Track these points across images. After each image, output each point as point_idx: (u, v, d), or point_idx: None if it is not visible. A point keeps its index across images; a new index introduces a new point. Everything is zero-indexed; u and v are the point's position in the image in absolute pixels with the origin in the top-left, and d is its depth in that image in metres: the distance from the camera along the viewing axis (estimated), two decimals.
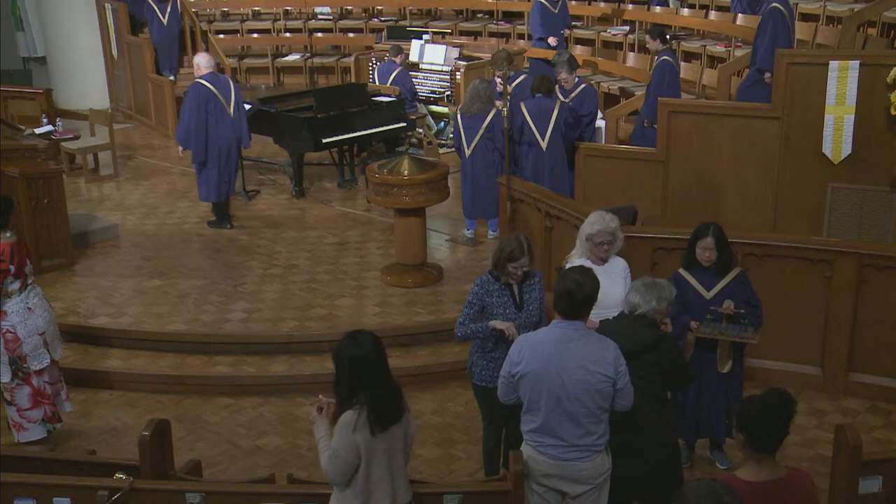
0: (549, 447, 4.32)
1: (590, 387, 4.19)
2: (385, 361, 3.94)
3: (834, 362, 6.66)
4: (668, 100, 8.57)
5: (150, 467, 4.62)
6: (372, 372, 3.84)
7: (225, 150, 9.34)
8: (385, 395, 3.86)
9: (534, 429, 4.35)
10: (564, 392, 4.20)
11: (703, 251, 5.44)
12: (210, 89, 9.21)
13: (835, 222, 7.81)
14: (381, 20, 15.24)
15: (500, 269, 5.13)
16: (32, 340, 5.96)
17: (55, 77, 14.46)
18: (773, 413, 3.43)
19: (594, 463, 4.34)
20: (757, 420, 3.40)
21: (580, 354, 4.20)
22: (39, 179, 8.41)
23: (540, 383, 4.24)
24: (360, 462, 3.86)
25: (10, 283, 5.85)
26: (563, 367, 4.19)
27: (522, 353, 4.31)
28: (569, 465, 4.32)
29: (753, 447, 3.42)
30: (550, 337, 4.28)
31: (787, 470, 3.47)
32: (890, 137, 7.51)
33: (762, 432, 3.40)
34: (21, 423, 6.04)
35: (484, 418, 5.55)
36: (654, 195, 8.38)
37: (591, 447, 4.31)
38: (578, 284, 4.20)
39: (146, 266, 8.71)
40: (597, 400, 4.22)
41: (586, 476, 4.35)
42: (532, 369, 4.25)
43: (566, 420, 4.24)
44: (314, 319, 7.57)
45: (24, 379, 5.99)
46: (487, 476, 5.63)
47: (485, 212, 8.85)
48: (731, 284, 5.47)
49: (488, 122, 8.57)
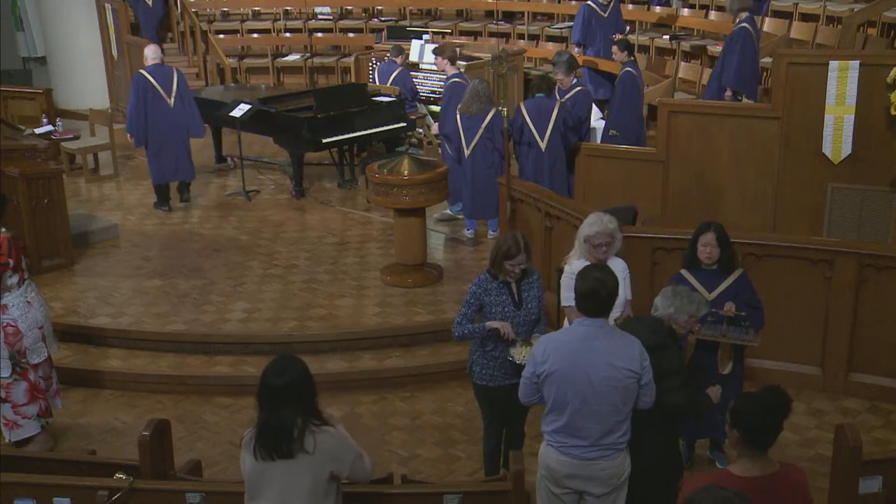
0: (573, 447, 4.31)
1: (617, 383, 4.19)
2: (301, 396, 3.75)
3: (834, 362, 6.66)
4: (668, 100, 8.58)
5: (150, 467, 4.62)
6: (277, 402, 3.72)
7: (164, 137, 9.84)
8: (273, 428, 3.72)
9: (557, 429, 4.33)
10: (592, 390, 4.19)
11: (704, 247, 5.43)
12: (149, 80, 9.75)
13: (835, 222, 7.81)
14: (381, 20, 15.24)
15: (497, 267, 5.14)
16: (33, 334, 5.97)
17: (55, 77, 14.46)
18: (769, 411, 3.46)
19: (615, 462, 4.34)
20: (753, 417, 3.42)
21: (606, 351, 4.20)
22: (39, 179, 8.41)
23: (566, 382, 4.23)
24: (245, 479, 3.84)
25: (8, 276, 5.86)
26: (591, 365, 4.19)
27: (547, 352, 4.29)
28: (591, 464, 4.31)
29: (748, 444, 3.44)
30: (575, 336, 4.29)
31: (779, 465, 3.50)
32: (890, 137, 7.51)
33: (758, 429, 3.42)
34: (15, 421, 6.01)
35: (484, 418, 5.55)
36: (654, 195, 8.38)
37: (614, 446, 4.31)
38: (601, 282, 4.22)
39: (146, 266, 8.71)
40: (623, 396, 4.23)
41: (608, 475, 4.34)
42: (558, 368, 4.24)
43: (592, 419, 4.24)
44: (314, 319, 7.57)
45: (21, 374, 5.98)
46: (487, 476, 5.63)
47: (485, 212, 8.85)
48: (733, 286, 5.46)
49: (488, 123, 8.58)
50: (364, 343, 7.33)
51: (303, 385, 3.77)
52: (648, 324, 4.75)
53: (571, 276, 5.36)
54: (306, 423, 3.74)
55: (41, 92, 12.26)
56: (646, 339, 4.63)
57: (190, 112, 9.99)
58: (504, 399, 5.33)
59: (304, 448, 3.72)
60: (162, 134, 9.85)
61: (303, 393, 3.77)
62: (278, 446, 3.72)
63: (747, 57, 9.55)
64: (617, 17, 12.19)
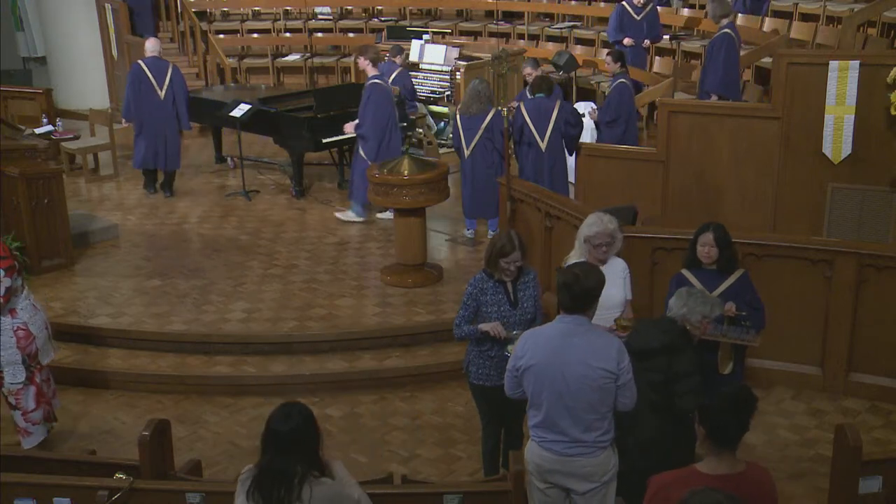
0: (552, 442, 4.31)
1: (592, 382, 4.17)
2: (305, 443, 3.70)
3: (834, 362, 6.66)
4: (668, 100, 8.58)
5: (150, 467, 4.63)
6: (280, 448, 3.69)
7: (151, 126, 10.34)
8: (273, 472, 3.69)
9: (537, 423, 4.34)
10: (566, 387, 4.18)
11: (703, 247, 5.43)
12: (144, 71, 10.30)
13: (835, 222, 7.81)
14: (381, 20, 15.24)
15: (492, 265, 5.14)
16: (42, 335, 6.00)
17: (55, 77, 14.46)
18: (734, 410, 3.50)
19: (598, 459, 4.32)
20: (719, 416, 3.48)
21: (583, 349, 4.18)
22: (39, 179, 8.40)
23: (542, 377, 4.23)
24: None
25: (15, 279, 5.86)
26: (566, 362, 4.18)
27: (527, 346, 4.31)
28: (572, 460, 4.30)
29: (714, 442, 3.50)
30: (556, 331, 4.28)
31: (745, 464, 3.55)
32: (890, 137, 7.51)
33: (723, 428, 3.48)
34: (26, 429, 6.02)
35: (482, 418, 5.55)
36: (654, 195, 8.37)
37: (595, 443, 4.29)
38: (576, 277, 4.20)
39: (146, 266, 8.70)
40: (600, 396, 4.20)
41: (590, 472, 4.33)
42: (535, 362, 4.25)
43: (567, 415, 4.23)
44: (314, 319, 7.57)
45: (29, 378, 5.97)
46: (487, 476, 5.63)
47: (485, 212, 8.85)
48: (734, 286, 5.45)
49: (487, 123, 8.57)
50: (364, 343, 7.32)
51: (307, 431, 3.72)
52: (661, 324, 4.74)
53: None
54: (306, 473, 3.68)
55: (41, 92, 12.25)
56: (657, 339, 4.61)
57: (180, 107, 10.45)
58: (501, 398, 5.34)
59: (300, 498, 3.65)
60: (150, 122, 10.33)
61: (306, 440, 3.72)
62: (275, 493, 3.67)
63: (730, 62, 9.66)
64: (651, 23, 11.90)
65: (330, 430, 6.45)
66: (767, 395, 6.53)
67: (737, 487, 3.34)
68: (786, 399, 6.56)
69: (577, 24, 14.05)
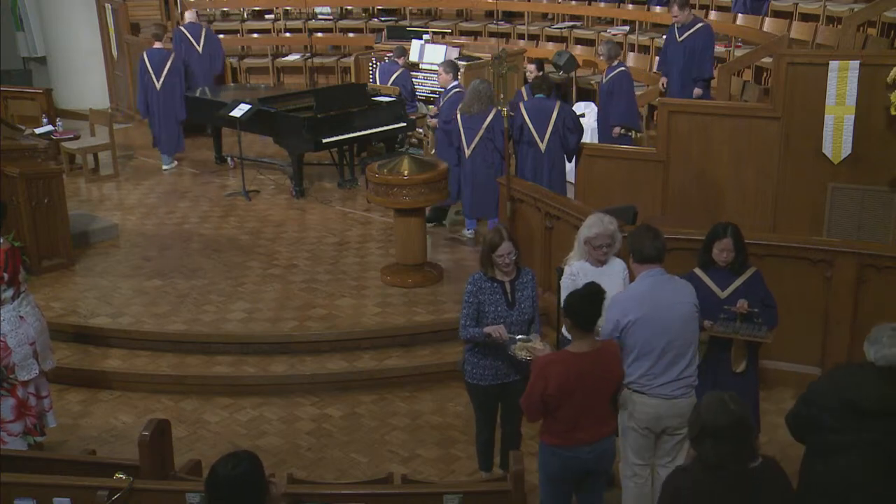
0: (661, 386, 4.80)
1: (689, 317, 4.85)
2: (251, 489, 3.47)
3: (834, 362, 6.64)
4: (668, 100, 8.57)
5: (150, 467, 4.63)
6: (226, 494, 3.47)
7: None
8: None
9: (644, 372, 4.80)
10: (672, 327, 4.76)
11: (721, 252, 5.40)
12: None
13: (835, 222, 7.81)
14: (381, 20, 15.23)
15: (486, 263, 5.16)
16: (22, 350, 5.73)
17: (55, 77, 14.45)
18: (589, 301, 4.45)
19: (693, 400, 4.66)
20: (578, 305, 4.44)
21: (675, 292, 4.87)
22: (39, 179, 8.40)
23: (650, 325, 4.75)
24: None
25: (3, 290, 5.67)
26: (667, 306, 4.79)
27: (626, 305, 4.81)
28: (677, 403, 4.81)
29: (577, 327, 4.47)
30: (646, 286, 4.85)
31: (600, 343, 4.58)
32: (890, 137, 7.51)
33: (583, 315, 4.44)
34: (2, 437, 5.77)
35: (476, 413, 5.59)
36: (654, 195, 8.38)
37: (692, 385, 4.87)
38: (656, 233, 4.89)
39: (146, 266, 8.70)
40: (692, 327, 4.88)
41: (687, 412, 4.27)
42: (642, 314, 4.75)
43: (676, 355, 4.78)
44: (314, 319, 7.57)
45: (9, 390, 5.75)
46: (481, 470, 5.66)
47: (485, 211, 8.85)
48: (746, 284, 5.44)
49: (488, 123, 8.58)
50: (364, 343, 7.33)
51: (253, 476, 3.49)
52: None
53: (572, 276, 5.38)
54: None
55: (41, 92, 12.24)
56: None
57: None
58: (496, 398, 5.36)
59: None
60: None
61: (252, 485, 3.49)
62: None
63: (631, 96, 10.06)
64: (698, 51, 10.11)
65: (330, 430, 6.46)
66: (768, 395, 6.52)
67: (597, 359, 4.50)
68: (786, 399, 6.54)
69: (577, 24, 14.04)
